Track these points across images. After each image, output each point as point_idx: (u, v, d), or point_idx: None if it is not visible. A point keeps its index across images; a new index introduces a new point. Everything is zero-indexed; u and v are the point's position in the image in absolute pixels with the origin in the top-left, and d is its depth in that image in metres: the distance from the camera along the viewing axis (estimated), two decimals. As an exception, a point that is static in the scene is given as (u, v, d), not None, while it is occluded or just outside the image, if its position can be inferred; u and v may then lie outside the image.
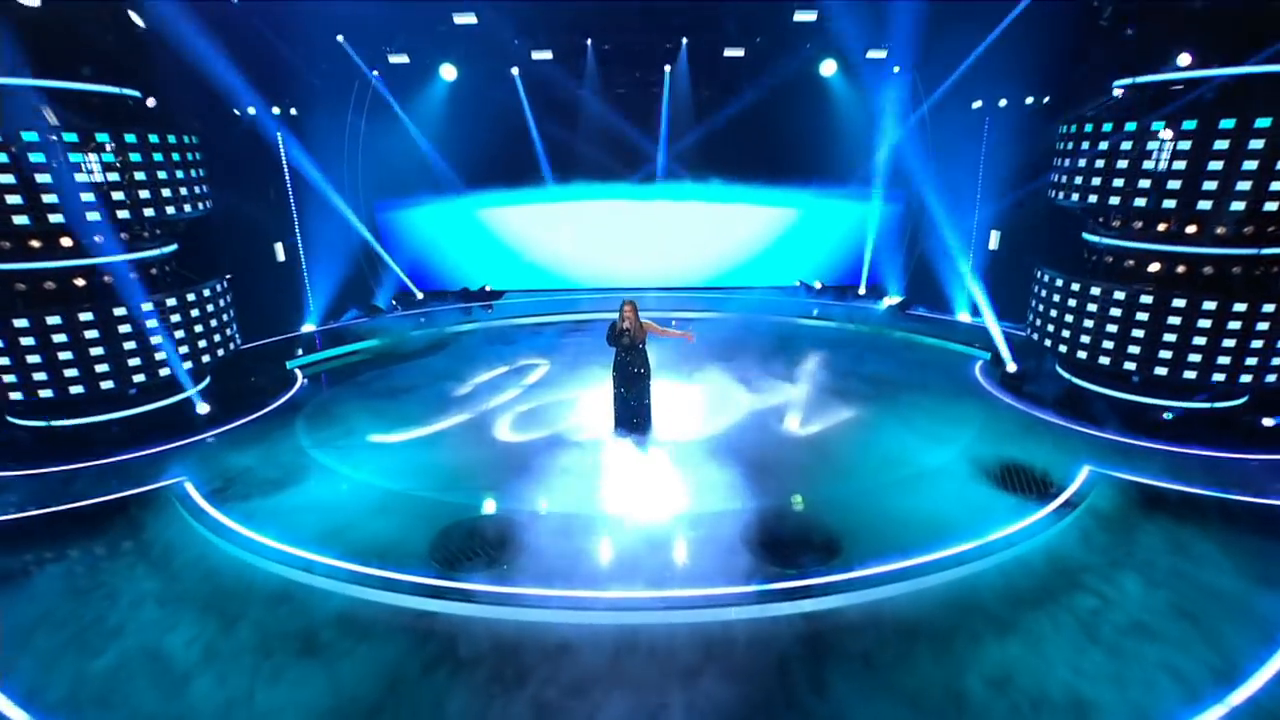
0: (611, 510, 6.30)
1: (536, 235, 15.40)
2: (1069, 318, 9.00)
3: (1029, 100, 12.27)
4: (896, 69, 13.30)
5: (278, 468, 7.35)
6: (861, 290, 14.88)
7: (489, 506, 6.42)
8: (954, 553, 5.78)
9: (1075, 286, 8.98)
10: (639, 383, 7.43)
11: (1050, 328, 9.29)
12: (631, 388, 7.40)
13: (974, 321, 12.49)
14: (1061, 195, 9.08)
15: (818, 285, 14.92)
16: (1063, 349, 9.11)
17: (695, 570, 5.56)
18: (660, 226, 14.84)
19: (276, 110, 12.69)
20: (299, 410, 9.09)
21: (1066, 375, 9.27)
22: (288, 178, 13.16)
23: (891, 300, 14.00)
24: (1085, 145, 8.56)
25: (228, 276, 9.78)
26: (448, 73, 13.63)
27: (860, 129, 13.87)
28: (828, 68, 13.69)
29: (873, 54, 13.06)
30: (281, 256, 13.25)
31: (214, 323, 9.51)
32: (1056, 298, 9.26)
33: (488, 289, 15.29)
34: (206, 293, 9.39)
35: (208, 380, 9.57)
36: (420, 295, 14.98)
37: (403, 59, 13.26)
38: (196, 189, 9.17)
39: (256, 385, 9.90)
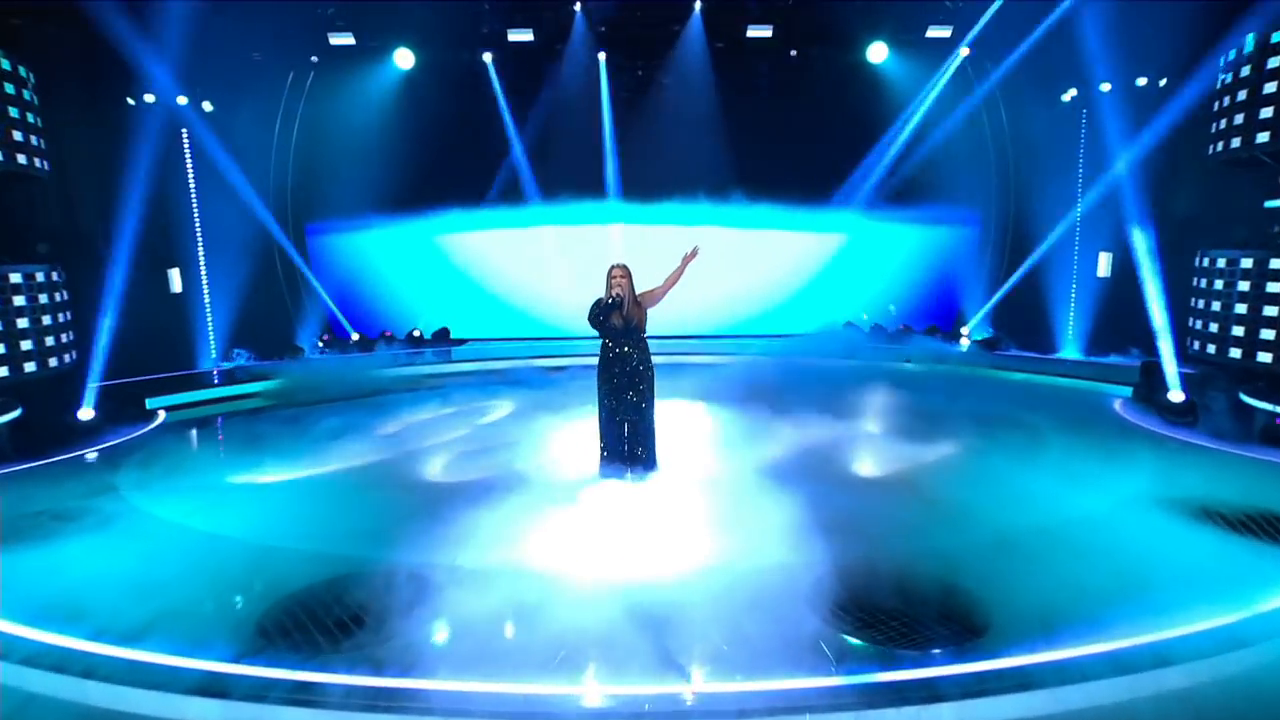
0: (591, 564, 4.90)
1: (513, 268, 14.88)
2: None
3: (1141, 82, 11.48)
4: (966, 51, 12.81)
5: (55, 517, 6.04)
6: (934, 329, 14.31)
7: (381, 564, 4.93)
8: (1207, 628, 3.98)
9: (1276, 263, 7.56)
10: (636, 389, 6.09)
11: (1216, 330, 8.16)
12: (625, 397, 6.11)
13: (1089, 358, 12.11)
14: (1234, 144, 7.91)
15: (866, 317, 14.55)
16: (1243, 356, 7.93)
17: (735, 652, 3.88)
18: (669, 257, 13.23)
19: (183, 100, 11.97)
20: (141, 450, 8.15)
21: (1251, 400, 8.03)
22: (192, 188, 12.51)
23: (975, 338, 13.60)
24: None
25: (51, 267, 8.59)
26: (403, 59, 13.16)
27: (919, 130, 13.51)
28: (876, 53, 13.20)
29: (934, 32, 12.59)
30: (177, 286, 12.39)
31: (25, 323, 8.06)
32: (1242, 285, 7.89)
33: (447, 333, 14.64)
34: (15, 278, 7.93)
35: (18, 411, 8.23)
36: (356, 337, 14.36)
37: (347, 39, 12.61)
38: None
39: (93, 422, 8.80)
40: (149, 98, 11.45)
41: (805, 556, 4.89)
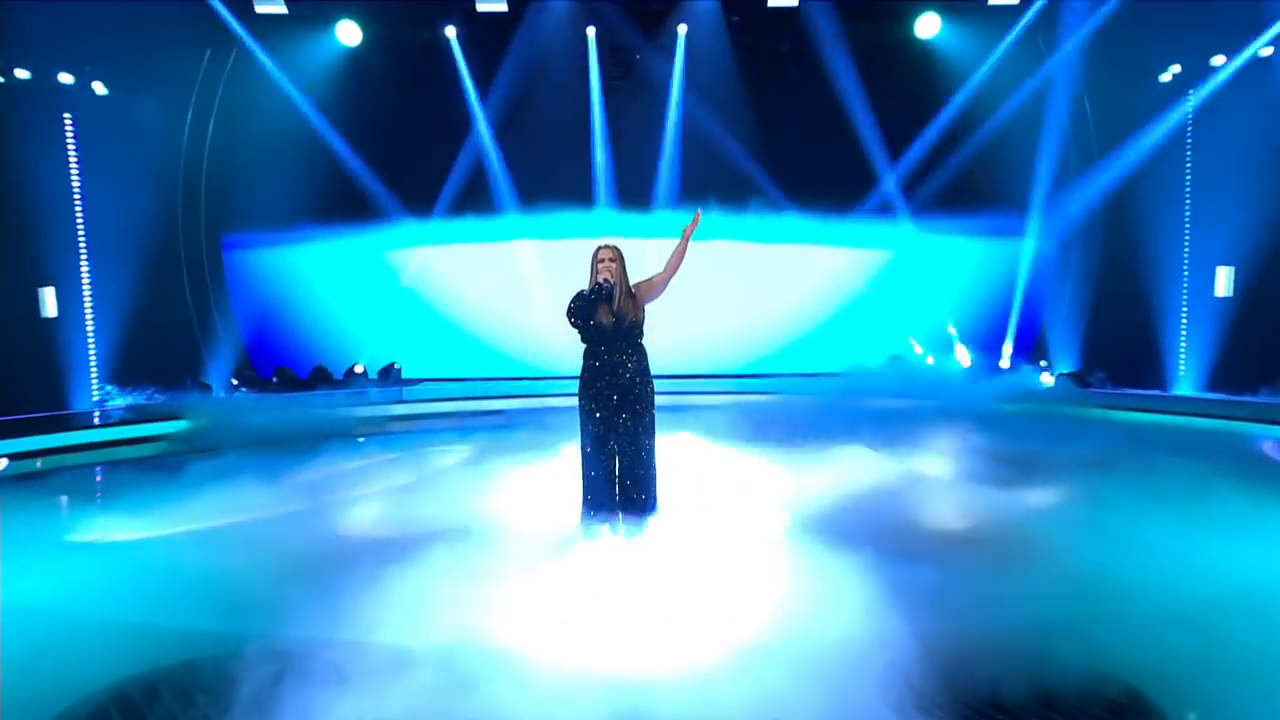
0: (568, 646, 4.42)
1: (481, 291, 14.74)
2: None
3: (1266, 52, 11.41)
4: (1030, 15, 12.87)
5: None
6: (1005, 361, 14.14)
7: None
8: None
9: None
10: (631, 409, 5.79)
11: None
12: (616, 421, 5.80)
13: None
14: None
15: (921, 352, 14.61)
16: None
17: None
18: (676, 279, 13.71)
19: (66, 78, 11.76)
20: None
21: None
22: (76, 189, 12.13)
23: (1057, 372, 13.49)
24: None
25: None
26: (348, 34, 13.22)
27: (979, 120, 13.46)
28: (927, 25, 13.31)
29: (997, -3, 12.63)
30: (52, 310, 11.95)
31: None
32: None
33: (396, 370, 14.31)
34: None
35: None
36: (281, 373, 14.04)
37: (277, 8, 12.59)
38: None
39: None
40: (20, 73, 11.27)
41: (873, 631, 4.41)
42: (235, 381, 13.69)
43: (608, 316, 5.64)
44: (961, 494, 7.26)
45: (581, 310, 5.64)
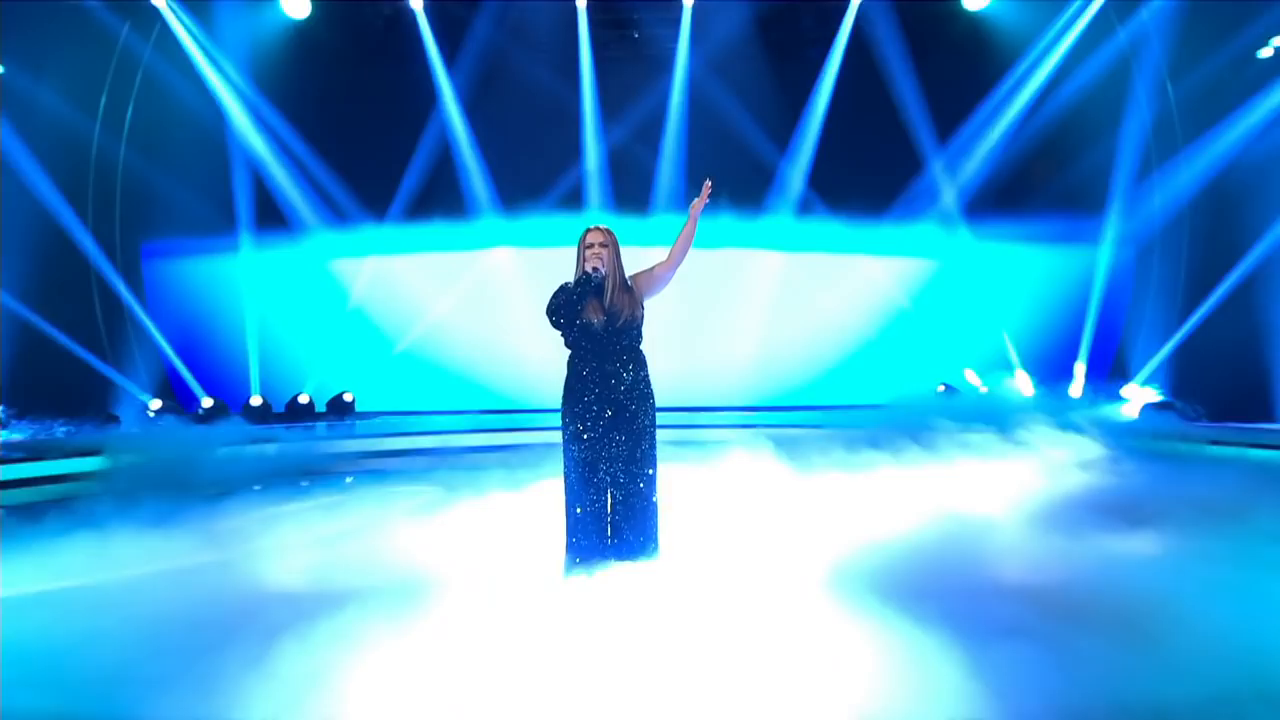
0: None
1: (450, 309, 14.67)
2: None
3: None
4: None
5: None
6: (1076, 389, 14.04)
7: None
8: None
9: None
10: (628, 429, 5.70)
11: None
12: (609, 442, 5.70)
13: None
14: None
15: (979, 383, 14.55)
16: None
17: None
18: (680, 297, 13.68)
19: None
20: None
21: None
22: None
23: (1140, 399, 13.33)
24: None
25: None
26: (294, 5, 13.28)
27: (1039, 106, 13.53)
28: None
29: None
30: None
31: None
32: None
33: (347, 402, 14.13)
34: None
35: None
36: (208, 404, 13.94)
37: None
38: None
39: None
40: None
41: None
42: (152, 413, 13.47)
43: (598, 315, 5.49)
44: (1053, 546, 6.82)
45: (566, 307, 5.51)
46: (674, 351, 13.37)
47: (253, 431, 12.87)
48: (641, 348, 5.79)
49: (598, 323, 5.51)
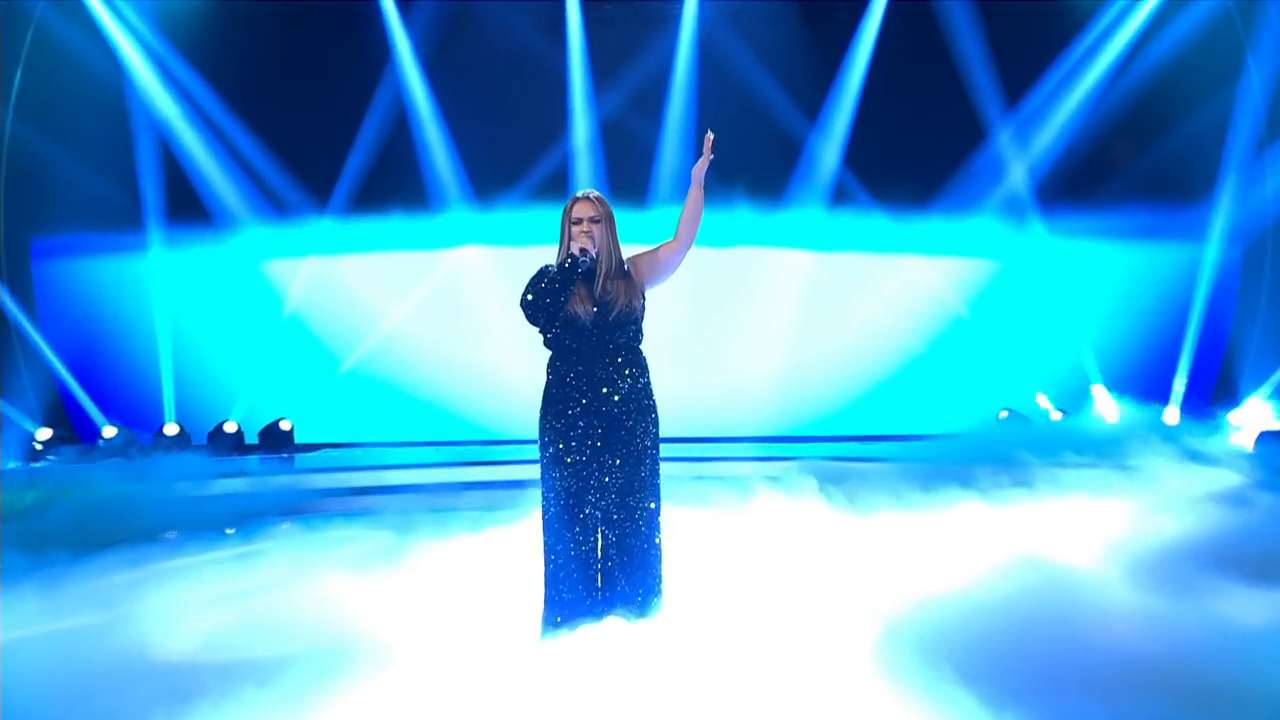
0: None
1: (410, 320, 14.63)
2: None
3: None
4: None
5: None
6: (1173, 414, 13.99)
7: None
8: None
9: None
10: (624, 451, 5.77)
11: None
12: (601, 467, 5.73)
13: None
14: None
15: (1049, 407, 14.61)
16: None
17: None
18: (689, 302, 14.08)
19: None
20: None
21: None
22: None
23: (1255, 425, 13.16)
24: None
25: None
26: None
27: (1120, 73, 13.58)
28: None
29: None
30: None
31: None
32: None
33: (284, 433, 14.16)
34: None
35: None
36: (110, 433, 13.72)
37: None
38: None
39: None
40: None
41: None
42: (40, 444, 13.33)
43: (585, 306, 5.40)
44: (1158, 609, 6.44)
45: (546, 294, 5.39)
46: (679, 370, 13.06)
47: (168, 467, 12.46)
48: (642, 348, 5.66)
49: (585, 316, 5.38)
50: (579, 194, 5.57)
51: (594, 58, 13.96)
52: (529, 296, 5.49)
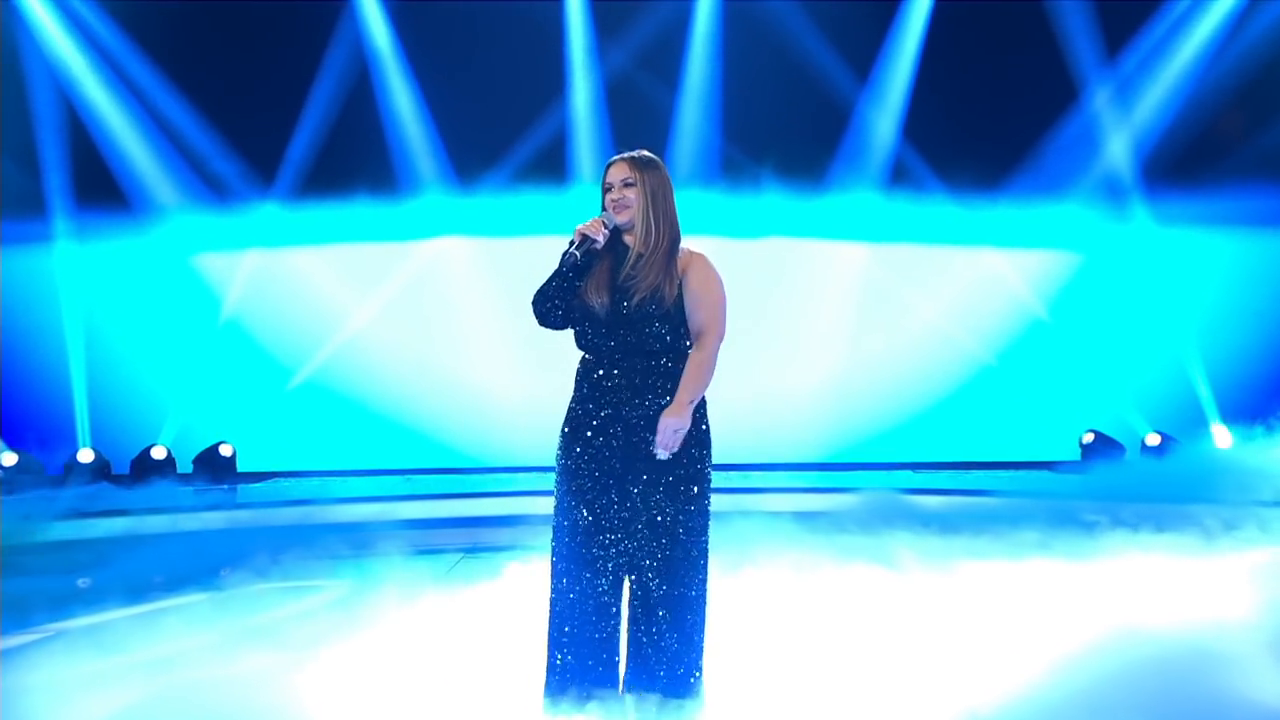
0: None
1: (375, 324, 14.52)
2: None
3: None
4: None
5: None
6: None
7: None
8: None
9: None
10: (660, 487, 5.36)
11: None
12: (627, 504, 5.35)
13: None
14: None
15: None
16: None
17: None
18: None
19: None
20: None
21: None
22: None
23: None
24: None
25: None
26: None
27: (1230, 40, 13.50)
28: None
29: None
30: None
31: None
32: None
33: (224, 458, 14.11)
34: None
35: None
36: (10, 460, 13.78)
37: None
38: None
39: None
40: None
41: None
42: None
43: (600, 295, 5.16)
44: None
45: (546, 294, 5.33)
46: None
47: (80, 502, 12.40)
48: (686, 345, 5.29)
49: (600, 307, 5.11)
50: (615, 158, 5.20)
51: (596, 6, 13.76)
52: (534, 296, 5.30)
